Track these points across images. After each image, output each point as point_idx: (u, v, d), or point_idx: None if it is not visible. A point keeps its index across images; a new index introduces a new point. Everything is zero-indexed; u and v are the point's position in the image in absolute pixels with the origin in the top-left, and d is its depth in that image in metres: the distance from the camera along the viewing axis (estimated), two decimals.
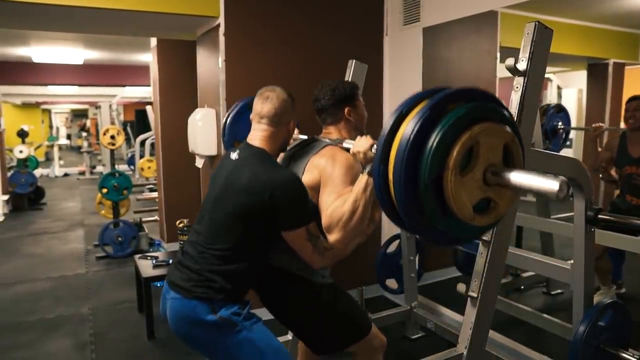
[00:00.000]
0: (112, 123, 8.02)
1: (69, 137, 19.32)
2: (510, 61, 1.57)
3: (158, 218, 5.41)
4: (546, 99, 4.84)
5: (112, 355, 2.98)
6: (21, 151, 7.96)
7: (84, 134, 14.67)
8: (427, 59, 3.30)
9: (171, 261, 3.30)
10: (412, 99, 1.08)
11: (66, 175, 12.36)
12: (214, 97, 3.29)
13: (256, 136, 1.69)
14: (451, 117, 0.99)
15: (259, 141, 1.68)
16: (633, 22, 3.93)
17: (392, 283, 3.13)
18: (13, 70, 7.56)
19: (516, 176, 1.01)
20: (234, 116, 2.41)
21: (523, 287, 3.69)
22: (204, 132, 3.30)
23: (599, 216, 1.85)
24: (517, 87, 1.59)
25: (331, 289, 1.82)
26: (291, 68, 3.26)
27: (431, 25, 3.21)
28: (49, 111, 18.66)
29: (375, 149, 1.33)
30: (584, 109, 4.60)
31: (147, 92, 8.77)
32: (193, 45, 3.80)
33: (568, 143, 4.11)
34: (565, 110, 3.79)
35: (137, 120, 11.46)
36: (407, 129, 1.00)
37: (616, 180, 3.20)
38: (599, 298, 2.88)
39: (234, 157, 1.69)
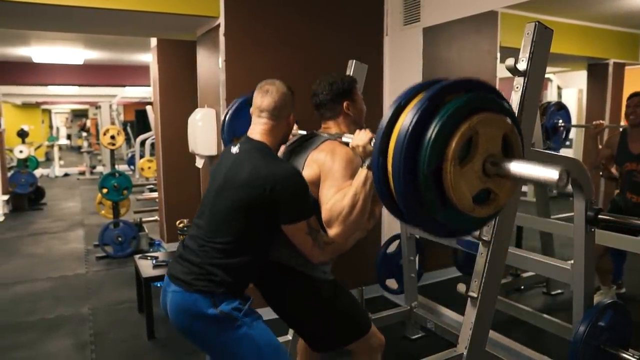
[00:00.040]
0: (112, 123, 8.04)
1: (69, 137, 19.32)
2: (510, 61, 1.57)
3: (158, 218, 5.41)
4: (546, 99, 4.83)
5: (112, 355, 2.97)
6: (21, 151, 7.96)
7: (84, 134, 14.66)
8: (427, 59, 3.30)
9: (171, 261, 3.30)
10: (411, 91, 1.07)
11: (66, 175, 12.37)
12: (214, 97, 3.29)
13: (256, 130, 1.69)
14: (450, 108, 0.98)
15: (260, 135, 1.68)
16: (633, 22, 3.93)
17: (392, 283, 3.13)
18: (13, 70, 7.56)
19: (516, 166, 1.01)
20: (233, 112, 2.39)
21: (523, 287, 3.69)
22: (204, 132, 3.30)
23: (599, 216, 1.85)
24: (517, 88, 1.59)
25: (332, 286, 1.82)
26: (291, 68, 3.26)
27: (431, 25, 3.21)
28: (49, 111, 18.67)
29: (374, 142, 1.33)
30: (584, 109, 4.61)
31: (147, 92, 8.78)
32: (193, 45, 3.80)
33: (568, 143, 4.11)
34: (565, 107, 3.79)
35: (137, 120, 11.47)
36: (406, 121, 1.00)
37: (616, 177, 3.19)
38: (599, 298, 2.88)
39: (235, 151, 1.70)
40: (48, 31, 4.80)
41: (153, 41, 4.81)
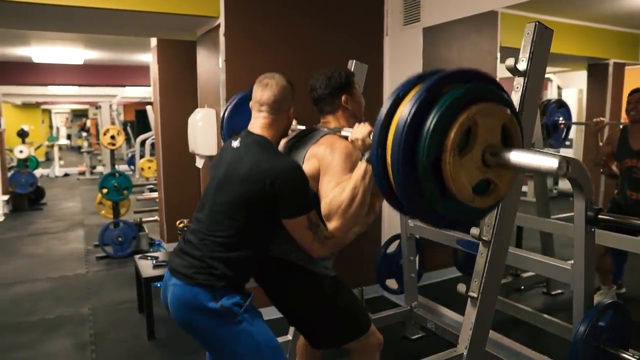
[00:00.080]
0: (112, 123, 8.05)
1: (69, 137, 19.32)
2: (510, 61, 1.57)
3: (158, 218, 5.41)
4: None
5: (112, 355, 2.97)
6: (21, 151, 7.96)
7: (84, 134, 14.65)
8: (427, 59, 3.29)
9: None
10: (409, 82, 1.06)
11: (66, 175, 12.37)
12: (214, 97, 3.29)
13: (257, 124, 1.69)
14: (448, 99, 0.98)
15: (260, 129, 1.68)
16: (633, 22, 3.93)
17: (392, 283, 3.13)
18: (13, 70, 7.56)
19: (515, 155, 1.00)
20: (232, 108, 2.37)
21: (523, 287, 3.69)
22: (204, 132, 3.30)
23: (599, 216, 1.85)
24: (517, 88, 1.59)
25: (334, 282, 1.82)
26: (291, 68, 3.22)
27: (431, 25, 3.21)
28: (49, 111, 18.68)
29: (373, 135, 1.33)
30: (584, 109, 4.61)
31: (147, 92, 8.78)
32: (193, 45, 3.80)
33: (568, 143, 4.11)
34: (566, 105, 3.78)
35: (137, 120, 11.47)
36: (404, 112, 0.99)
37: (617, 175, 3.19)
38: (599, 298, 2.87)
39: (235, 146, 1.69)
40: (48, 31, 4.80)
41: (153, 41, 4.81)
